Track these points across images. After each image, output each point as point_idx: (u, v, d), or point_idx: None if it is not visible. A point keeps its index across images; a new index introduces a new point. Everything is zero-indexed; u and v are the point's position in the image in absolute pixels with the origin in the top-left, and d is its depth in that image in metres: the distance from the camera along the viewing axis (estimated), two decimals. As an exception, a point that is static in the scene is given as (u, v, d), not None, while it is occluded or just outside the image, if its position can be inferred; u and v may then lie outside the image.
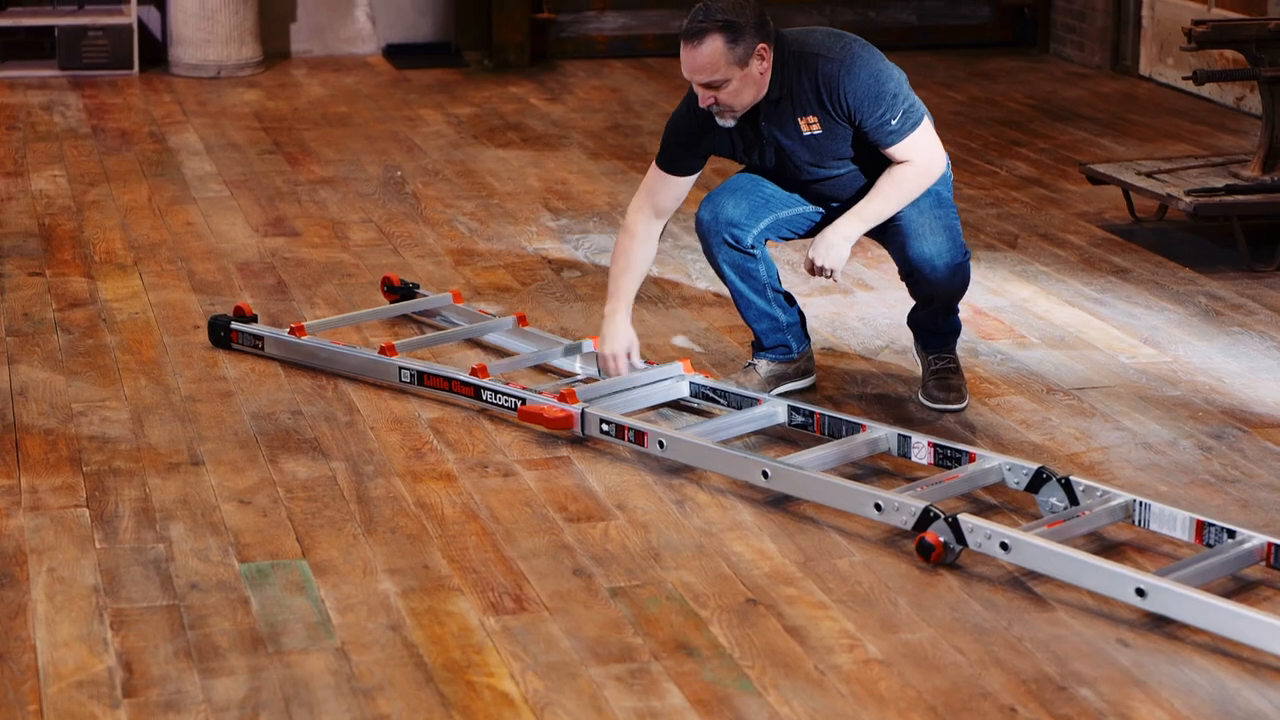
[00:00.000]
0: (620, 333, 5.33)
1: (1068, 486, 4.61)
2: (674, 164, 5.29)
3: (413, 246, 6.96)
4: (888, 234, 5.26)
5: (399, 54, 10.68)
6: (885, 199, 5.15)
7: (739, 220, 5.26)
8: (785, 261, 6.69)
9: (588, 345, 5.59)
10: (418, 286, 6.22)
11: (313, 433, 5.14)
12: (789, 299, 5.44)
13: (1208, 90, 9.50)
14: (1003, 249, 6.97)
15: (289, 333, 5.65)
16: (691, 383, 5.35)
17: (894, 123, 5.06)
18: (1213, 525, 4.39)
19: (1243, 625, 3.92)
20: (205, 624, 4.06)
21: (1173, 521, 4.46)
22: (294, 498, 4.73)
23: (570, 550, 4.45)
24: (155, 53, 10.34)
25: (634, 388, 5.28)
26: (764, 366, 5.44)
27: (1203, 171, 7.13)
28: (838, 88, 5.05)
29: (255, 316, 5.83)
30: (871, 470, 4.95)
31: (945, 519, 4.36)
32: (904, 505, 4.44)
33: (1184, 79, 7.51)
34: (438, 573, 4.32)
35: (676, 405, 5.35)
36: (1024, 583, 4.28)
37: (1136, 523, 4.52)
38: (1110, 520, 4.51)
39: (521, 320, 5.83)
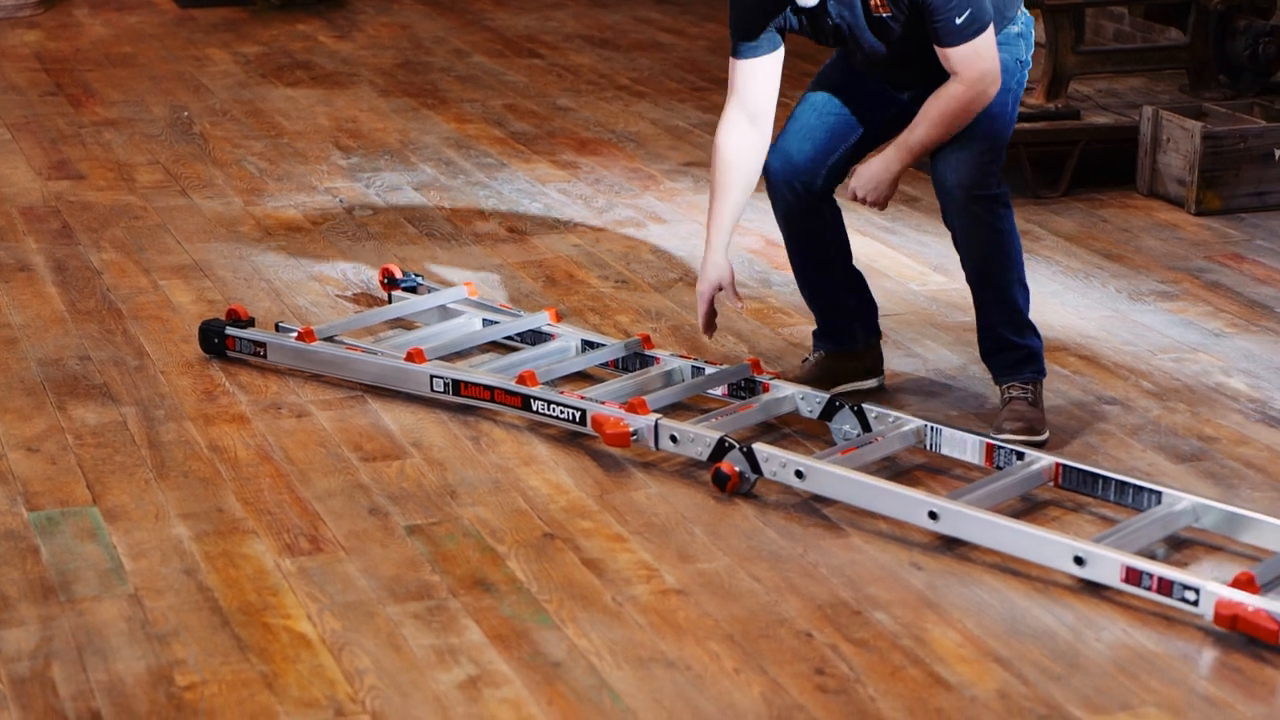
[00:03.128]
0: (709, 268, 4.79)
1: (860, 414, 4.66)
2: (745, 48, 4.82)
3: (202, 188, 6.86)
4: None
5: (184, -8, 10.51)
6: (931, 125, 4.71)
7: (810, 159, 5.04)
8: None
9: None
10: (420, 278, 5.66)
11: (102, 378, 5.06)
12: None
13: (993, 20, 9.61)
14: (794, 180, 7.00)
15: (296, 338, 5.12)
16: (484, 320, 5.33)
17: (958, 21, 4.62)
18: (1002, 448, 4.46)
19: (1031, 545, 3.99)
20: (-7, 574, 3.99)
21: (963, 445, 4.53)
22: (83, 444, 4.65)
23: (366, 490, 4.43)
24: (-69, -6, 10.09)
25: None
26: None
27: (989, 100, 7.21)
28: None
29: (252, 320, 5.28)
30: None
31: (740, 449, 4.39)
32: (699, 436, 4.46)
33: (969, 9, 7.57)
34: (232, 515, 4.28)
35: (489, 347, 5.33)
36: (819, 510, 4.33)
37: (928, 447, 4.58)
38: (902, 445, 4.56)
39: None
